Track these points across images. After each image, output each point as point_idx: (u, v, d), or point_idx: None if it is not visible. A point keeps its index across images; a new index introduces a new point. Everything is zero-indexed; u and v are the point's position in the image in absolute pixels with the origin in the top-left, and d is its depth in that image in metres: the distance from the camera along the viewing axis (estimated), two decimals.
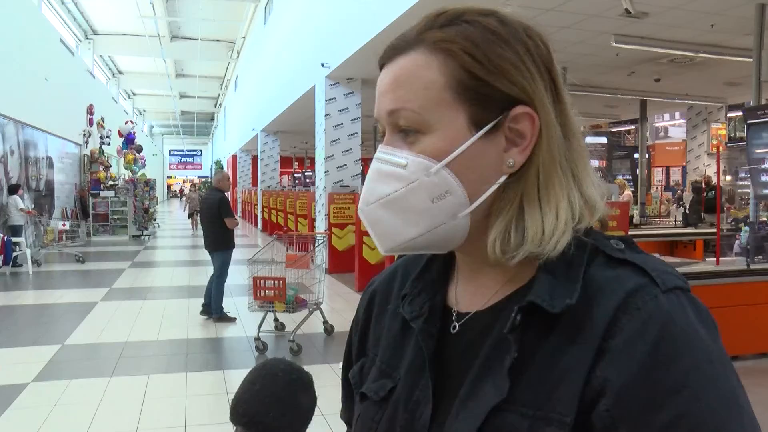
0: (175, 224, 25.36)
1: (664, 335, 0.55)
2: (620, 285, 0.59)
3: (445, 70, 0.63)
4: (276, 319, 6.24)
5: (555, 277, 0.61)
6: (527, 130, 0.63)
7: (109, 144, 21.26)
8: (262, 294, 5.63)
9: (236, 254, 7.20)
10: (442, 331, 0.70)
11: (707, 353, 0.55)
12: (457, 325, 0.70)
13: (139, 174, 21.92)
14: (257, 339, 5.63)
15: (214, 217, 6.78)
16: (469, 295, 0.71)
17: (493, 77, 0.62)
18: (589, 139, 14.40)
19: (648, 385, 0.54)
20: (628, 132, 22.65)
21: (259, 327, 5.72)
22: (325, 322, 6.16)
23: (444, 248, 0.68)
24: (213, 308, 6.87)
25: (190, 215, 20.97)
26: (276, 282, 5.60)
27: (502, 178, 0.64)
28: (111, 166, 21.54)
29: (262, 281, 5.63)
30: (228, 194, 7.29)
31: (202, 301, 7.10)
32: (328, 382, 4.17)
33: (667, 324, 0.55)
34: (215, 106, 45.67)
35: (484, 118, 0.63)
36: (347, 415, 0.84)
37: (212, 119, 51.11)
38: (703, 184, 13.03)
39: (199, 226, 13.52)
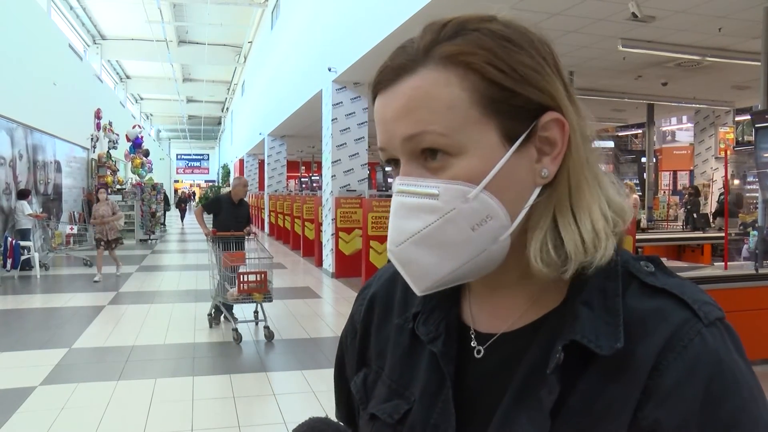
0: (179, 228, 25.43)
1: (714, 377, 0.54)
2: (663, 320, 0.57)
3: (467, 85, 0.58)
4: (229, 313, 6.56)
5: (592, 309, 0.59)
6: (557, 136, 0.60)
7: (116, 148, 21.37)
8: (246, 287, 6.17)
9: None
10: (460, 351, 0.67)
11: (750, 391, 0.55)
12: (482, 349, 0.66)
13: (146, 178, 22.02)
14: (235, 330, 6.14)
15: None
16: (487, 315, 0.68)
17: (521, 86, 0.59)
18: (596, 143, 14.38)
19: (700, 427, 0.54)
20: (635, 136, 22.56)
21: (235, 319, 6.29)
22: (266, 327, 6.27)
23: (481, 274, 0.62)
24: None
25: (108, 244, 10.83)
26: (258, 276, 6.23)
27: (537, 191, 0.61)
28: (118, 170, 21.65)
29: (245, 275, 6.23)
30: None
31: (209, 304, 7.10)
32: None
33: (715, 364, 0.55)
34: (222, 111, 45.86)
35: (516, 131, 0.59)
36: (342, 413, 0.83)
37: (219, 123, 51.32)
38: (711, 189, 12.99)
39: (121, 270, 11.18)
